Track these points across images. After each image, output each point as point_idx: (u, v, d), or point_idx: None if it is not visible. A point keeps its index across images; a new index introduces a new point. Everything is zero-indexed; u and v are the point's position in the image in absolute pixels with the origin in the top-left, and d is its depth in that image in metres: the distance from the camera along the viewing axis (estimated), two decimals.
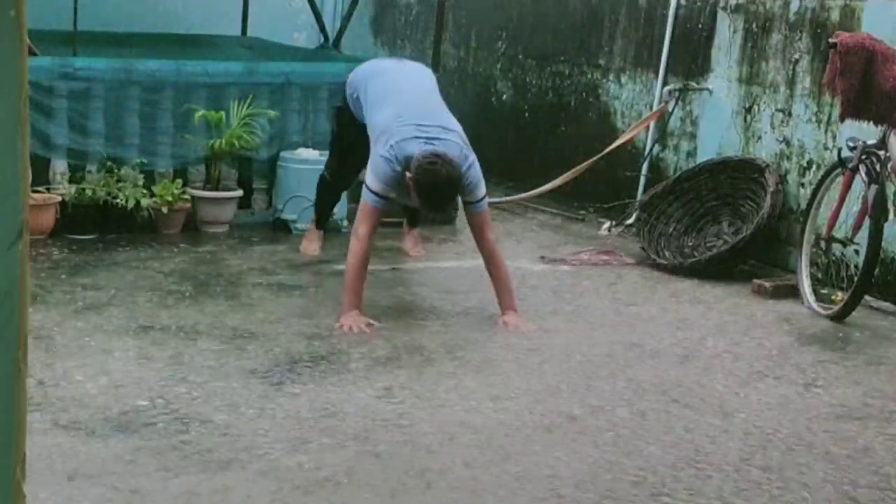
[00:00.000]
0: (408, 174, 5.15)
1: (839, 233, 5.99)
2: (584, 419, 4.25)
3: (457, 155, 5.23)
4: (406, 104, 5.45)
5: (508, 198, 8.16)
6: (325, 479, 3.59)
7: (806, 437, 4.22)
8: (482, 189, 5.38)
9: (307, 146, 7.14)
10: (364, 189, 5.37)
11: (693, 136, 7.43)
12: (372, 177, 5.31)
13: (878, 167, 5.71)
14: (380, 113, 5.49)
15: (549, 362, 4.86)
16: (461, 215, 6.47)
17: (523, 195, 7.97)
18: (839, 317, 5.74)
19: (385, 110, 5.46)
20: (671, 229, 7.08)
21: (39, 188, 6.43)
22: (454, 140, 5.33)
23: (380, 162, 5.27)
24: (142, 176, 6.67)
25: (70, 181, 6.58)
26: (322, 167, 6.45)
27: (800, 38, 6.65)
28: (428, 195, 5.19)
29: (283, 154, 7.09)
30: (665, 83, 7.55)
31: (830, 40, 5.76)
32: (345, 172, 6.31)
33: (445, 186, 5.16)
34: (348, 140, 6.02)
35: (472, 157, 5.36)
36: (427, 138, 5.24)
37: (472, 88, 9.48)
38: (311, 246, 6.46)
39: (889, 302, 6.01)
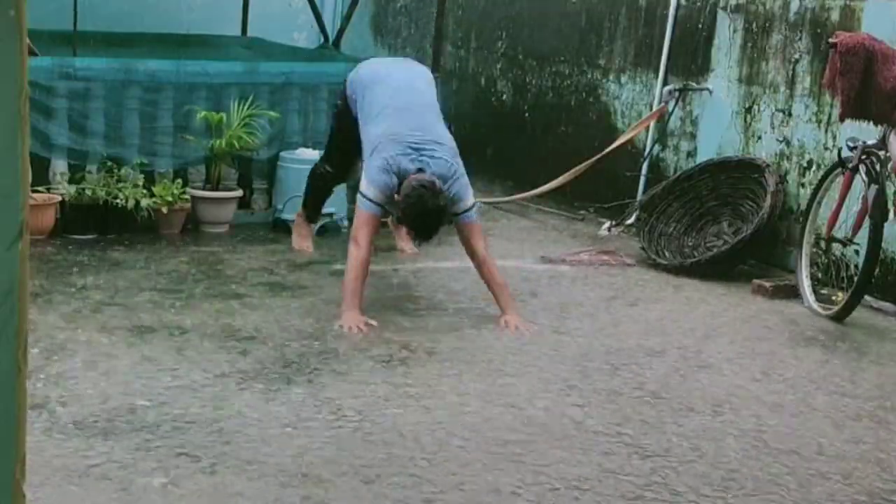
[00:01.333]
0: (396, 196, 5.30)
1: (839, 233, 5.99)
2: (583, 420, 4.25)
3: (444, 170, 5.34)
4: (401, 119, 5.51)
5: (508, 198, 8.17)
6: (325, 479, 3.59)
7: (807, 438, 4.22)
8: (469, 200, 5.45)
9: (307, 146, 7.14)
10: (359, 197, 5.44)
11: (693, 136, 7.43)
12: (367, 184, 5.40)
13: (878, 167, 5.71)
14: (376, 126, 5.55)
15: (549, 363, 4.87)
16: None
17: (523, 195, 7.98)
18: (839, 317, 5.74)
19: (381, 124, 5.52)
20: (671, 229, 7.08)
21: (39, 188, 6.43)
22: (443, 156, 5.42)
23: (375, 171, 5.38)
24: (142, 176, 6.67)
25: (70, 181, 6.58)
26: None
27: (800, 38, 6.65)
28: (414, 224, 5.36)
29: (283, 154, 7.09)
30: (665, 83, 7.55)
31: (830, 40, 5.77)
32: (346, 164, 6.25)
33: (431, 217, 5.26)
34: (347, 139, 5.98)
35: (460, 169, 5.46)
36: (419, 152, 5.35)
37: (472, 88, 9.48)
38: (305, 242, 6.45)
39: (889, 302, 6.01)
